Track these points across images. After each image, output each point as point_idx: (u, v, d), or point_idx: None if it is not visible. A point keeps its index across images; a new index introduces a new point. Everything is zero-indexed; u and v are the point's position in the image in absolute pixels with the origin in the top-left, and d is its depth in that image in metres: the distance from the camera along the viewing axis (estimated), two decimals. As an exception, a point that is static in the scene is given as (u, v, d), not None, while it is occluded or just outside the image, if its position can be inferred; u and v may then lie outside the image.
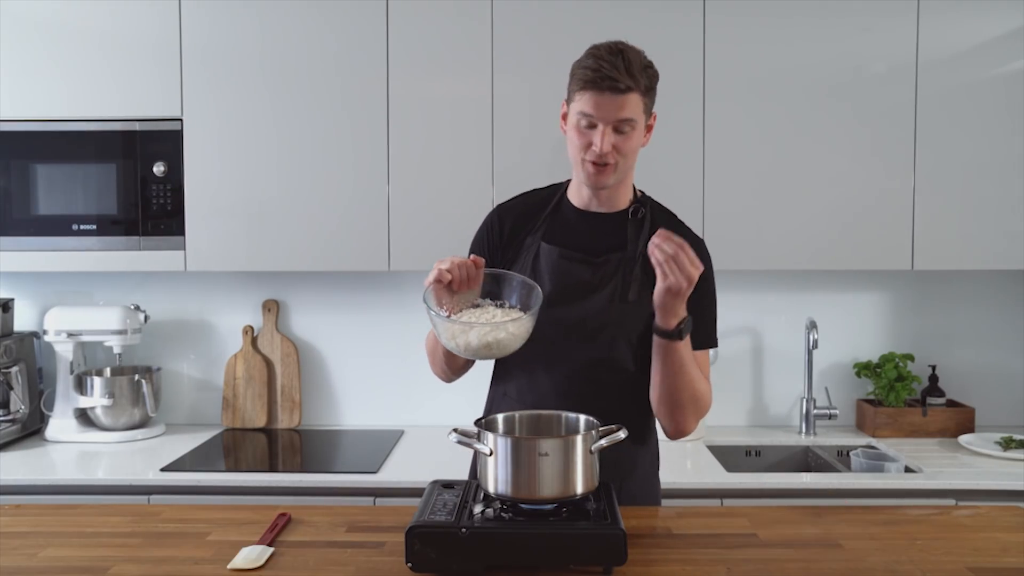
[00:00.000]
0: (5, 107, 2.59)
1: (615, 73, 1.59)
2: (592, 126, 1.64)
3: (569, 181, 1.82)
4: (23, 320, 2.94)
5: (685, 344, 1.61)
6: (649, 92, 1.66)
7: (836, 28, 2.55)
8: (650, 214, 1.77)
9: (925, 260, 2.59)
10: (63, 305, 2.82)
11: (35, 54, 2.59)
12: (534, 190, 1.86)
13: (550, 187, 1.85)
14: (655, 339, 1.61)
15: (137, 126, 2.59)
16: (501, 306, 1.62)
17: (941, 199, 2.58)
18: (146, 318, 2.84)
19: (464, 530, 1.37)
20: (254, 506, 1.75)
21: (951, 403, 2.87)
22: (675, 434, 1.73)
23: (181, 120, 2.59)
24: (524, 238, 1.77)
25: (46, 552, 1.51)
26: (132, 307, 2.80)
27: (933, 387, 2.86)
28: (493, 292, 1.63)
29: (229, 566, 1.43)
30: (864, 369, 2.88)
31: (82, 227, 2.60)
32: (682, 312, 1.57)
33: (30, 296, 2.97)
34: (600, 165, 1.66)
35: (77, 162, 2.59)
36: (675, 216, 1.81)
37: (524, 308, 1.59)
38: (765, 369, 2.97)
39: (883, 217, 2.58)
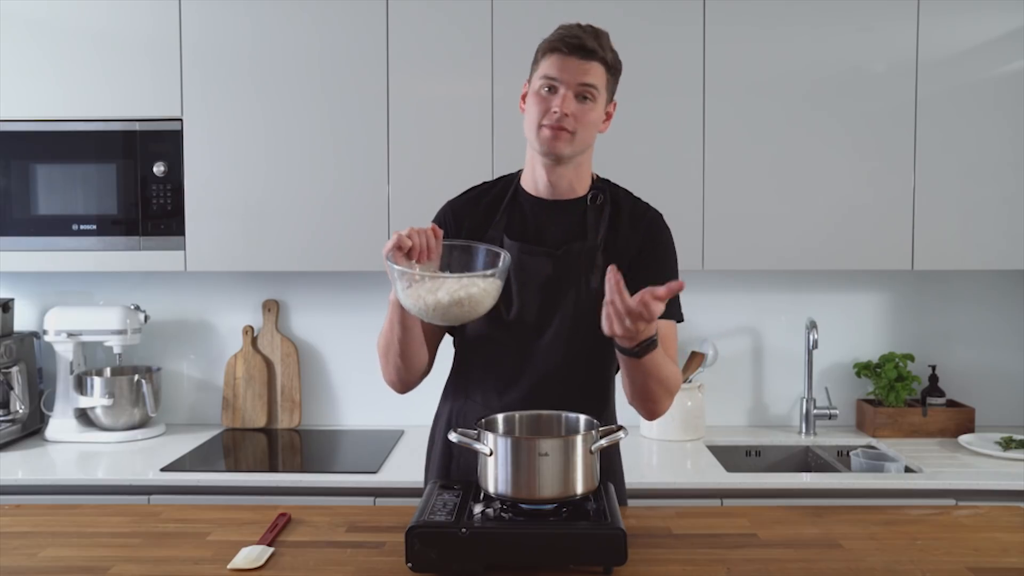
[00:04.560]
0: (5, 107, 2.59)
1: (583, 36, 1.61)
2: (554, 90, 1.62)
3: (520, 172, 1.79)
4: (23, 320, 2.94)
5: (655, 357, 1.54)
6: (613, 71, 1.66)
7: (836, 28, 2.55)
8: (609, 198, 1.74)
9: (925, 260, 2.59)
10: (63, 305, 2.82)
11: (35, 54, 2.59)
12: (483, 184, 1.82)
13: (500, 179, 1.82)
14: (619, 355, 1.56)
15: (137, 126, 2.59)
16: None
17: (941, 199, 2.58)
18: (146, 318, 2.84)
19: (464, 530, 1.37)
20: (254, 506, 1.75)
21: (951, 403, 2.87)
22: (651, 417, 1.70)
23: (181, 120, 2.59)
24: (485, 232, 1.73)
25: (46, 552, 1.51)
26: (132, 307, 2.80)
27: (933, 387, 2.86)
28: (455, 265, 1.57)
29: (229, 566, 1.43)
30: (864, 369, 2.88)
31: (82, 227, 2.60)
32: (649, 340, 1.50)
33: (30, 296, 2.97)
34: (557, 129, 1.62)
35: (77, 162, 2.59)
36: (631, 194, 1.78)
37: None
38: (765, 369, 2.97)
39: (883, 217, 2.58)
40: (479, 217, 1.75)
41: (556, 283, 1.68)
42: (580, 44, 1.60)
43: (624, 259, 1.69)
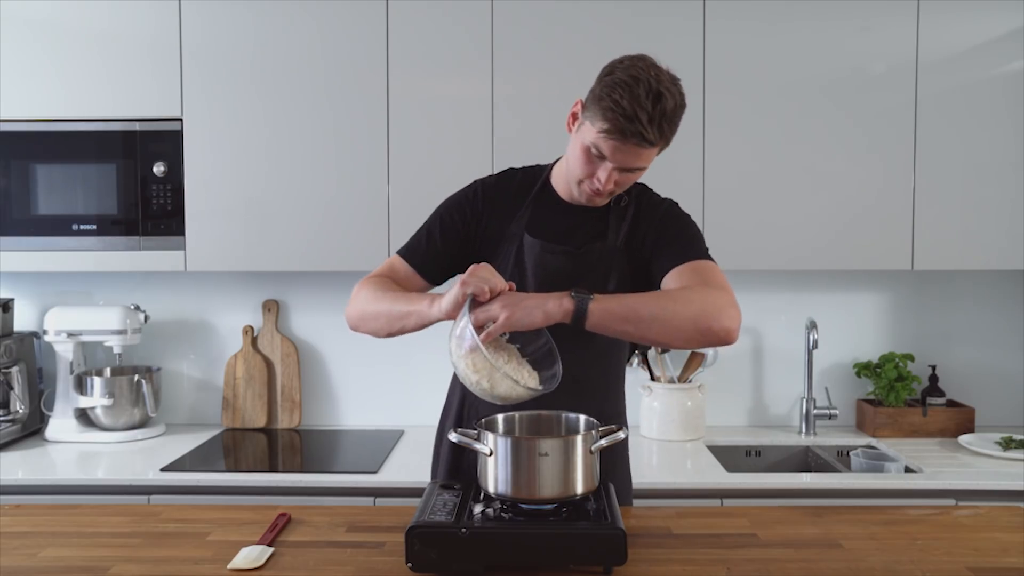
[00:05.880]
0: (5, 107, 2.59)
1: (648, 129, 1.51)
2: (602, 157, 1.59)
3: (551, 167, 1.79)
4: (23, 320, 2.94)
5: (609, 300, 1.51)
6: (671, 136, 1.60)
7: (836, 28, 2.55)
8: (634, 202, 1.76)
9: (925, 260, 2.59)
10: (63, 305, 2.82)
11: (35, 54, 2.59)
12: (512, 170, 1.83)
13: (531, 169, 1.82)
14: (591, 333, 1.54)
15: (137, 126, 2.59)
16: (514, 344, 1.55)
17: (941, 199, 2.58)
18: (146, 318, 2.84)
19: (464, 530, 1.37)
20: (254, 506, 1.75)
21: (951, 403, 2.87)
22: (719, 341, 1.54)
23: (181, 120, 2.59)
24: (508, 225, 1.75)
25: (46, 552, 1.51)
26: (132, 307, 2.80)
27: (933, 387, 2.86)
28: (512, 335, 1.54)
29: (229, 566, 1.43)
30: (864, 369, 2.88)
31: (82, 227, 2.60)
32: (554, 305, 1.48)
33: (30, 296, 2.97)
34: (597, 193, 1.65)
35: (77, 162, 2.59)
36: (647, 188, 1.80)
37: (535, 366, 1.55)
38: (765, 369, 2.97)
39: (883, 217, 2.58)
40: (506, 207, 1.76)
41: (575, 282, 1.68)
42: (641, 140, 1.52)
43: (645, 253, 1.71)
